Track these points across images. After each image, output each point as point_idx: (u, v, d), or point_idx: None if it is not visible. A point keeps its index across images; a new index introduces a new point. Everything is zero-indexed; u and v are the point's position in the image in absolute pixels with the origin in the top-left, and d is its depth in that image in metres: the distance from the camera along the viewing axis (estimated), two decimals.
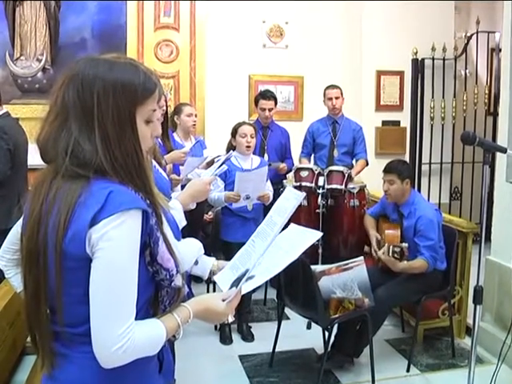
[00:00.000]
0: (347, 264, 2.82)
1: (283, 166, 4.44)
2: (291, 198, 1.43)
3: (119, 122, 1.09)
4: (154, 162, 2.12)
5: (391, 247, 3.03)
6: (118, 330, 1.05)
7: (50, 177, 1.12)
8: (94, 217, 1.04)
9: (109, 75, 1.10)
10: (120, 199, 1.06)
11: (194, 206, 2.12)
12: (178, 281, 1.19)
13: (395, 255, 2.99)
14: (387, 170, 3.34)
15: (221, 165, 2.40)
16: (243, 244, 1.49)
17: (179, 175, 3.50)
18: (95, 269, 1.06)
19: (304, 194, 1.45)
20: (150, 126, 1.17)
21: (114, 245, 1.04)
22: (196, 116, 4.17)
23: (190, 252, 1.54)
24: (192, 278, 3.92)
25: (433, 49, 5.26)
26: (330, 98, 4.48)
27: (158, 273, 1.15)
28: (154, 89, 1.16)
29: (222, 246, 3.68)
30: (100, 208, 1.04)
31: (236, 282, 1.33)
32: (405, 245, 3.02)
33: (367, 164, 4.54)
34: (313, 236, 1.42)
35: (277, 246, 1.37)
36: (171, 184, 2.69)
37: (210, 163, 3.81)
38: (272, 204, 1.51)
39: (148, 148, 1.20)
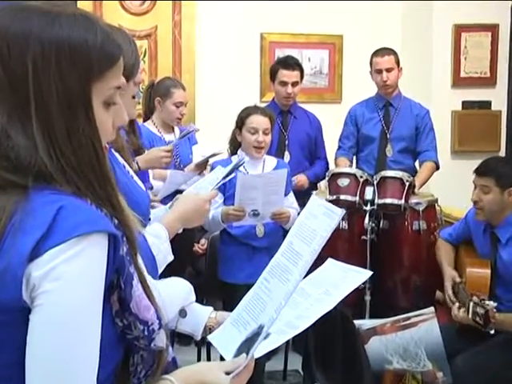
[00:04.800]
0: (409, 318, 2.82)
1: (304, 179, 4.41)
2: (320, 215, 1.39)
3: (68, 103, 1.10)
4: (127, 165, 2.13)
5: (472, 304, 2.98)
6: None
7: None
8: (35, 246, 1.04)
9: (48, 33, 1.09)
10: (75, 219, 1.06)
11: (180, 231, 2.13)
12: (161, 340, 1.19)
13: (476, 318, 2.94)
14: (481, 170, 3.39)
15: (227, 174, 2.39)
16: (251, 286, 1.49)
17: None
18: (36, 323, 1.06)
19: (343, 211, 1.40)
20: (110, 111, 1.18)
21: (64, 286, 1.04)
22: (186, 106, 4.18)
23: (173, 298, 1.54)
24: (175, 339, 3.92)
25: None
26: (380, 70, 4.49)
27: (131, 328, 1.14)
28: (117, 55, 1.16)
29: (220, 290, 3.68)
30: (45, 232, 1.04)
31: (245, 346, 1.32)
32: (492, 305, 2.91)
33: (437, 168, 4.55)
34: (358, 277, 1.43)
35: (301, 288, 1.37)
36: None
37: (203, 165, 3.83)
38: None
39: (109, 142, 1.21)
